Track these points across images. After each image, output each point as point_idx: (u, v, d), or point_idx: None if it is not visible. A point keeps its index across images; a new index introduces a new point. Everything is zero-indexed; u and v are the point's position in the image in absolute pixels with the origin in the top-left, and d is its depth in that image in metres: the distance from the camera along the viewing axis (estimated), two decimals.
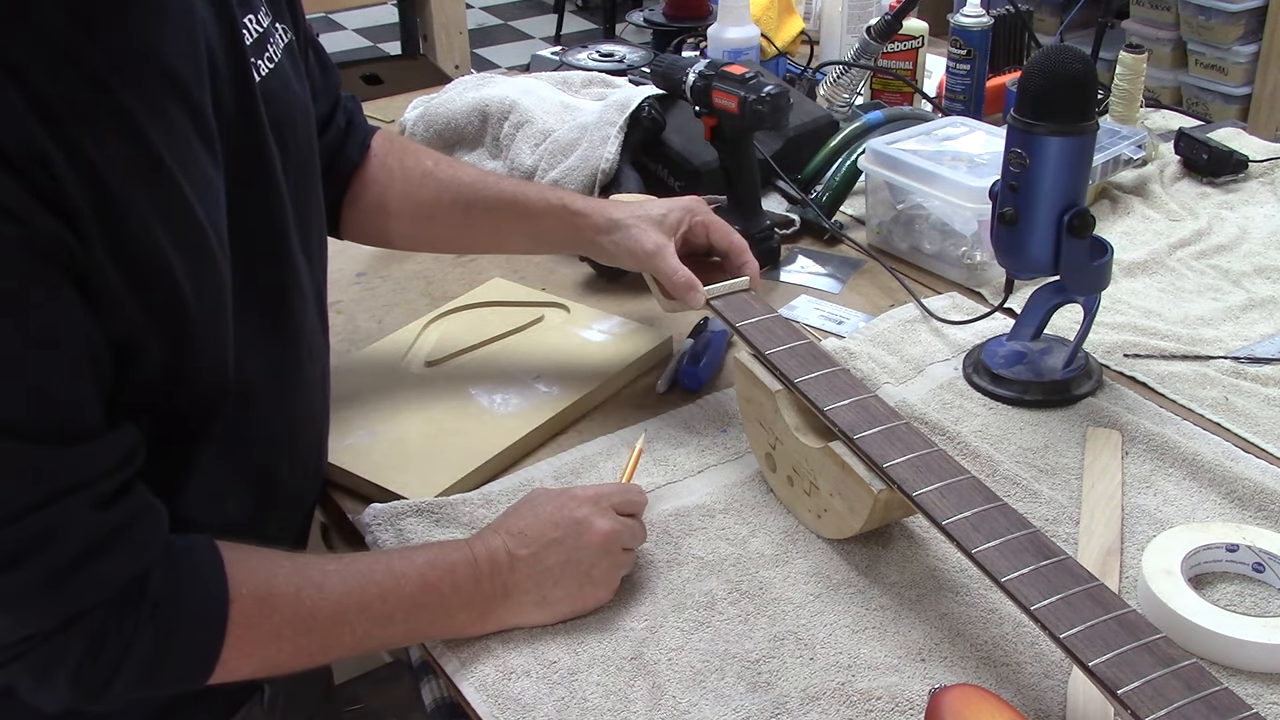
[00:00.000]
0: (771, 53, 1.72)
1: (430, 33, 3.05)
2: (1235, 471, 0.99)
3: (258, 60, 0.84)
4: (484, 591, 0.85)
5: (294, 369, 0.90)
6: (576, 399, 1.10)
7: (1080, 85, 1.01)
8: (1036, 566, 0.76)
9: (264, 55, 0.85)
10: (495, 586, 0.85)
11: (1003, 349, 1.14)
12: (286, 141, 0.86)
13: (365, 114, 1.14)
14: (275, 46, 0.87)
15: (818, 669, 0.83)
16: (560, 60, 1.77)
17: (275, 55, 0.86)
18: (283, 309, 0.88)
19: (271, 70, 0.85)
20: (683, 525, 0.97)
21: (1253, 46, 3.26)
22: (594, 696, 0.82)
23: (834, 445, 0.90)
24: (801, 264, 1.35)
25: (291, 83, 0.89)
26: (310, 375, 0.93)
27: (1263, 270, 1.31)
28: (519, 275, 1.32)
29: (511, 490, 1.00)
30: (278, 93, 0.86)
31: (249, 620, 0.77)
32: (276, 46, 0.87)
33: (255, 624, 0.78)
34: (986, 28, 1.59)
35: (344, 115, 1.09)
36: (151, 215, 0.71)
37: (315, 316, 0.94)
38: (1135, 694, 0.68)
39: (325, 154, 1.05)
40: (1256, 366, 1.14)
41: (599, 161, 1.34)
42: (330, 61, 1.08)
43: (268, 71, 0.85)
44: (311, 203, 0.93)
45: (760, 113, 1.22)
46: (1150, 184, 1.48)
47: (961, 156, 1.30)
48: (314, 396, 0.95)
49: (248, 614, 0.77)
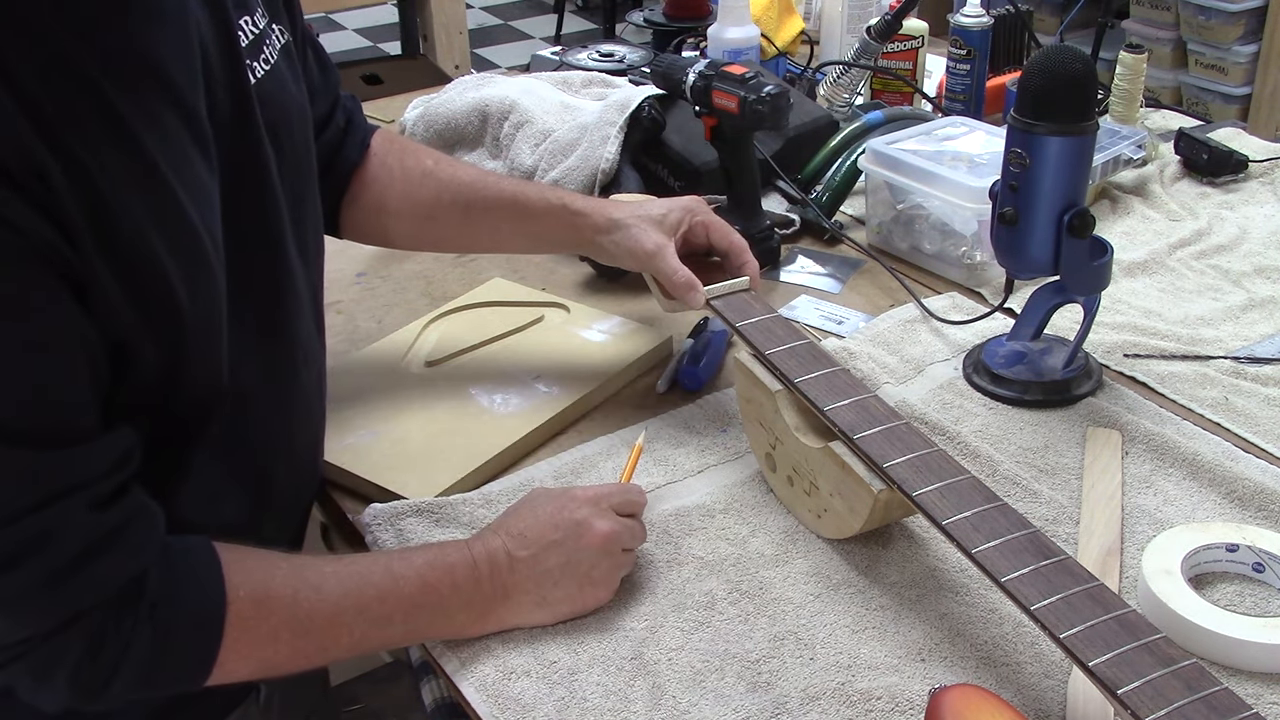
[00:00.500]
0: (771, 53, 1.72)
1: (430, 33, 3.05)
2: (1235, 471, 0.99)
3: (253, 62, 0.83)
4: (483, 592, 0.85)
5: (290, 372, 0.90)
6: (576, 399, 1.10)
7: (1080, 85, 1.01)
8: (1036, 566, 0.76)
9: (260, 57, 0.85)
10: (495, 587, 0.85)
11: (1003, 349, 1.14)
12: (282, 144, 0.86)
13: (365, 114, 1.14)
14: (271, 48, 0.87)
15: (818, 669, 0.83)
16: (560, 60, 1.77)
17: (271, 57, 0.86)
18: (278, 311, 0.88)
19: (268, 72, 0.85)
20: (683, 525, 0.97)
21: (1253, 46, 3.26)
22: (594, 696, 0.82)
23: (834, 445, 0.90)
24: (801, 264, 1.35)
25: (288, 84, 0.89)
26: (306, 378, 0.93)
27: (1263, 270, 1.31)
28: (519, 275, 1.32)
29: (511, 490, 1.00)
30: (273, 95, 0.85)
31: (246, 622, 0.77)
32: (273, 48, 0.87)
33: (252, 625, 0.78)
34: (986, 28, 1.59)
35: (343, 114, 1.09)
36: (146, 221, 0.71)
37: (311, 320, 0.94)
38: (1135, 694, 0.68)
39: (324, 153, 1.05)
40: (1256, 366, 1.14)
41: (599, 161, 1.34)
42: (329, 61, 1.07)
43: (264, 74, 0.85)
44: (308, 206, 0.93)
45: (760, 113, 1.22)
46: (1150, 184, 1.48)
47: (961, 156, 1.30)
48: (310, 399, 0.95)
49: (245, 615, 0.77)
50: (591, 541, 0.87)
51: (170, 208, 0.73)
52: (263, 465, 0.89)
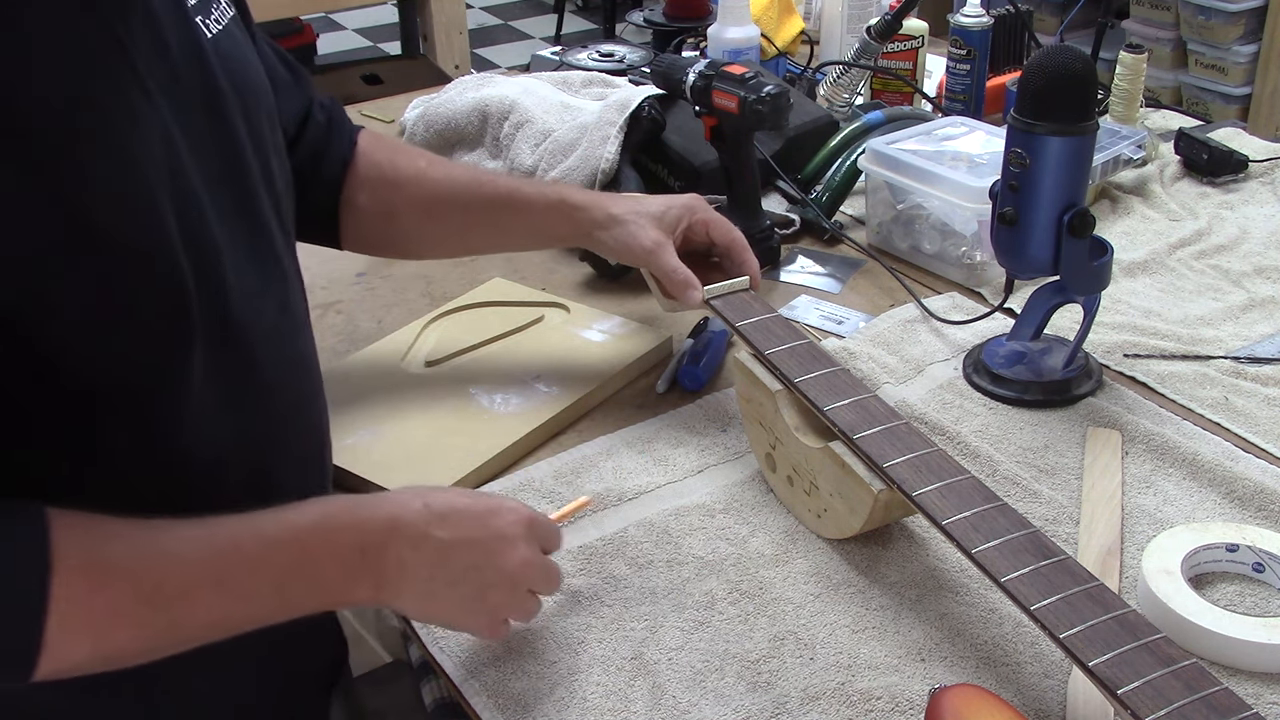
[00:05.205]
0: (771, 53, 1.72)
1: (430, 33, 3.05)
2: (1235, 471, 0.99)
3: (204, 20, 0.79)
4: (370, 562, 0.76)
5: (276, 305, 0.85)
6: (576, 399, 1.10)
7: (1080, 85, 1.01)
8: (1036, 566, 0.77)
9: (210, 16, 0.80)
10: (387, 559, 0.77)
11: (1003, 349, 1.14)
12: (249, 106, 0.82)
13: (366, 114, 1.13)
14: (221, 13, 0.82)
15: (818, 669, 0.83)
16: (560, 60, 1.77)
17: (222, 19, 0.82)
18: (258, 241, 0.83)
19: (221, 31, 0.80)
20: (683, 525, 0.97)
21: (1253, 46, 3.26)
22: (594, 696, 0.82)
23: (834, 445, 0.90)
24: (801, 264, 1.35)
25: (245, 50, 0.84)
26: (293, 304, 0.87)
27: (1263, 270, 1.31)
28: (519, 275, 1.32)
29: (511, 490, 1.00)
30: (230, 52, 0.81)
31: (77, 594, 0.67)
32: (222, 13, 0.82)
33: (85, 598, 0.67)
34: (986, 28, 1.59)
35: (323, 112, 1.06)
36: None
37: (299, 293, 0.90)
38: (1135, 694, 0.68)
39: (309, 153, 1.03)
40: (1256, 366, 1.14)
41: (599, 161, 1.34)
42: (294, 60, 1.04)
43: (218, 31, 0.80)
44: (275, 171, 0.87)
45: (760, 113, 1.22)
46: (1150, 184, 1.48)
47: (961, 156, 1.30)
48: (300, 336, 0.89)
49: (75, 587, 0.67)
50: (506, 561, 0.80)
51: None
52: (261, 381, 0.83)
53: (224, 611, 0.73)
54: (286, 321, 0.87)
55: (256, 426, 0.83)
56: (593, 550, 0.94)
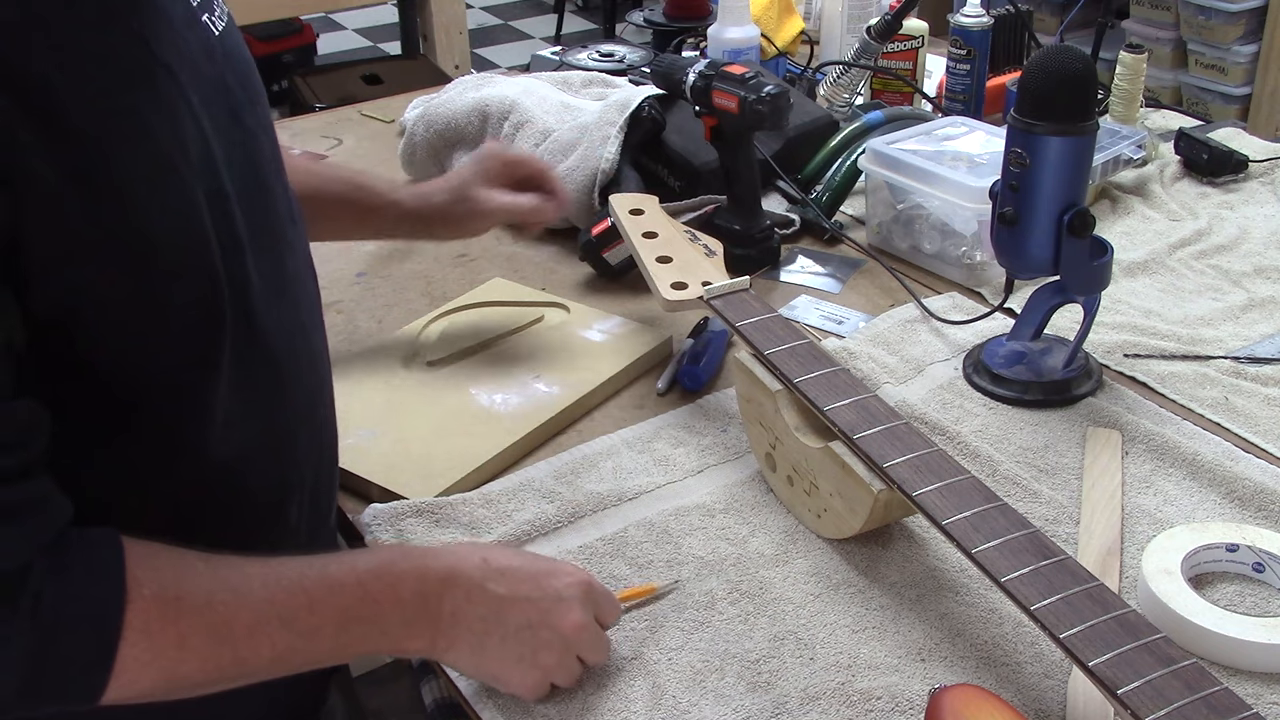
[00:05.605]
0: (771, 53, 1.72)
1: (430, 33, 3.06)
2: (1235, 471, 0.99)
3: (209, 18, 0.79)
4: (429, 612, 0.78)
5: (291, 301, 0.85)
6: (576, 399, 1.10)
7: (1080, 85, 1.01)
8: (1036, 566, 0.76)
9: (214, 13, 0.80)
10: (443, 610, 0.78)
11: (1003, 349, 1.14)
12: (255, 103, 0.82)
13: (366, 114, 1.13)
14: (221, 9, 0.82)
15: (818, 669, 0.83)
16: (560, 60, 1.77)
17: (224, 17, 0.82)
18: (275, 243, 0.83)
19: (225, 29, 0.80)
20: (683, 525, 0.97)
21: (1253, 46, 3.26)
22: (594, 696, 0.82)
23: (834, 445, 0.90)
24: (801, 264, 1.35)
25: (245, 47, 0.84)
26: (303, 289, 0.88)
27: (1263, 270, 1.31)
28: (519, 275, 1.32)
29: (511, 490, 1.00)
30: (234, 50, 0.81)
31: (150, 625, 0.68)
32: (222, 10, 0.82)
33: (157, 630, 0.68)
34: (986, 28, 1.59)
35: None
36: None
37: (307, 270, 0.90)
38: (1135, 694, 0.68)
39: None
40: (1256, 366, 1.14)
41: (599, 161, 1.34)
42: None
43: (222, 29, 0.80)
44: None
45: (760, 113, 1.22)
46: (1150, 184, 1.48)
47: (961, 156, 1.30)
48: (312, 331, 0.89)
49: (148, 617, 0.68)
50: (561, 622, 0.80)
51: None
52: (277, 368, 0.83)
53: (288, 648, 0.74)
54: (303, 317, 0.87)
55: (275, 424, 0.83)
56: (593, 550, 0.94)
